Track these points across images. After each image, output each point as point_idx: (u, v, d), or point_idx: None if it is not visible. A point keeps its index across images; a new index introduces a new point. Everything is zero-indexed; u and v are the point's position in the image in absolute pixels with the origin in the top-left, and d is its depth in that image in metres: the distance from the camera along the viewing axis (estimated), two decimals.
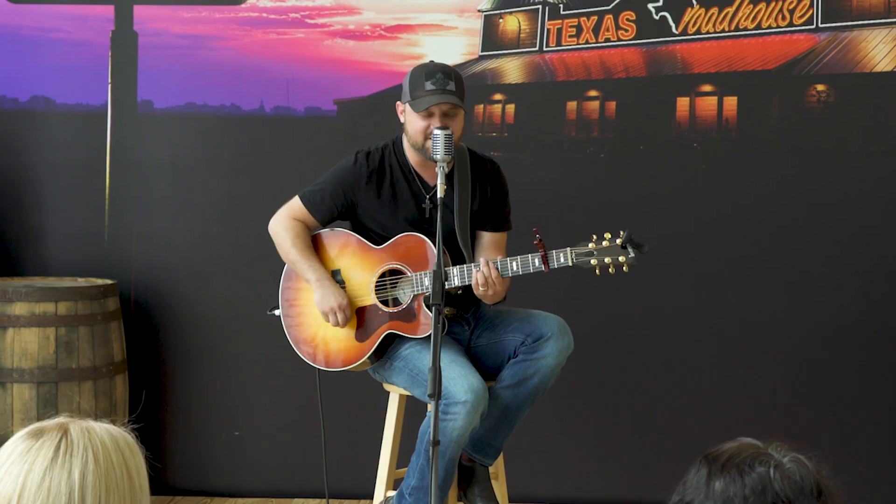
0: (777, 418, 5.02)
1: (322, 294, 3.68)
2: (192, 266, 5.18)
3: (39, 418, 4.67)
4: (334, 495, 4.95)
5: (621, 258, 3.49)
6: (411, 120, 3.63)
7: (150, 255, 5.17)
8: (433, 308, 3.27)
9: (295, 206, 3.79)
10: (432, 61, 3.77)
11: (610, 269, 3.51)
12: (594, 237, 3.53)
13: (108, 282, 4.91)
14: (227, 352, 5.18)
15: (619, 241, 3.50)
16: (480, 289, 3.52)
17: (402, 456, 3.83)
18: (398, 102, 3.72)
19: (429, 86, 3.59)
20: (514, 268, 3.54)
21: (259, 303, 5.07)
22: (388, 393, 3.83)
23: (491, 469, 3.78)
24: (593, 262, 3.50)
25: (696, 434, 4.97)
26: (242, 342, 5.16)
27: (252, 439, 5.20)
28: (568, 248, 3.51)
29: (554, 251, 3.50)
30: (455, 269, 3.57)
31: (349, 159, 3.76)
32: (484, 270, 3.50)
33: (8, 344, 4.64)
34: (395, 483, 3.81)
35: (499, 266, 3.53)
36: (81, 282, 4.91)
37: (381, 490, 3.79)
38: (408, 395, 3.77)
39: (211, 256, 5.18)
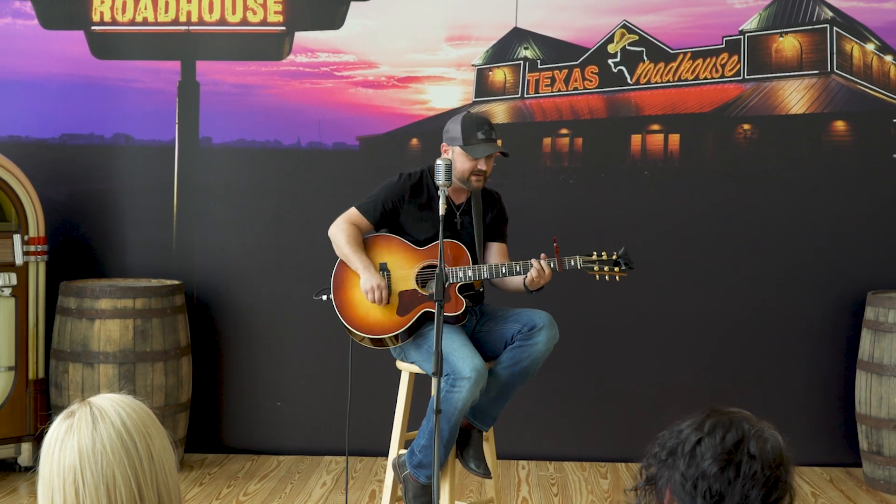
0: (708, 390, 5.07)
1: (367, 278, 3.73)
2: (243, 270, 5.24)
3: (121, 392, 4.65)
4: (357, 453, 5.09)
5: (616, 269, 3.69)
6: (460, 160, 3.73)
7: (209, 261, 5.25)
8: (435, 303, 3.32)
9: (351, 213, 3.83)
10: (469, 112, 3.88)
11: (606, 277, 3.69)
12: (596, 250, 3.73)
13: (176, 282, 5.00)
14: (271, 338, 5.26)
15: (615, 255, 3.71)
16: (535, 277, 3.64)
17: (412, 422, 3.87)
18: (444, 144, 3.80)
19: (480, 136, 3.71)
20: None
21: (297, 299, 5.08)
22: (400, 372, 3.85)
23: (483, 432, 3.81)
24: (595, 268, 3.69)
25: (649, 405, 5.06)
26: (283, 331, 5.23)
27: (291, 408, 5.27)
28: (577, 256, 3.69)
29: (566, 257, 3.66)
30: (485, 267, 3.70)
31: (395, 177, 3.85)
32: (542, 264, 3.63)
33: (95, 332, 4.73)
34: (406, 443, 3.84)
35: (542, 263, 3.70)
36: (154, 282, 5.00)
37: (394, 449, 3.82)
38: (416, 374, 3.80)
39: (258, 262, 5.26)
